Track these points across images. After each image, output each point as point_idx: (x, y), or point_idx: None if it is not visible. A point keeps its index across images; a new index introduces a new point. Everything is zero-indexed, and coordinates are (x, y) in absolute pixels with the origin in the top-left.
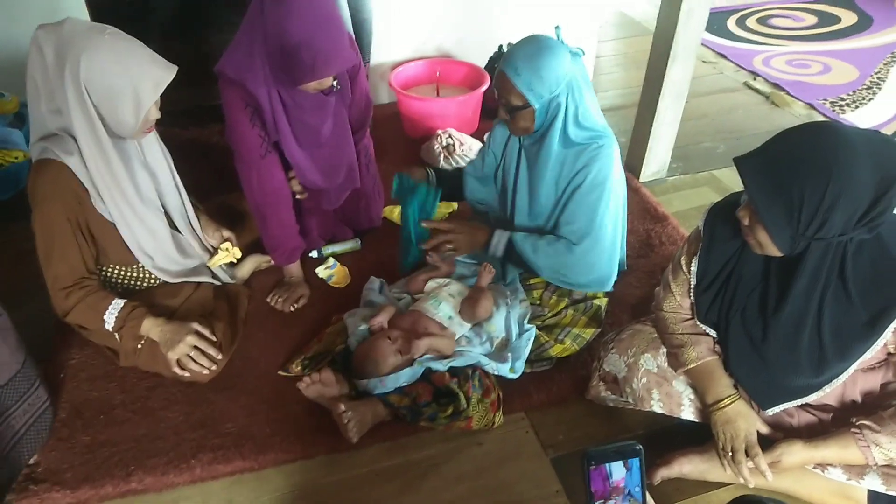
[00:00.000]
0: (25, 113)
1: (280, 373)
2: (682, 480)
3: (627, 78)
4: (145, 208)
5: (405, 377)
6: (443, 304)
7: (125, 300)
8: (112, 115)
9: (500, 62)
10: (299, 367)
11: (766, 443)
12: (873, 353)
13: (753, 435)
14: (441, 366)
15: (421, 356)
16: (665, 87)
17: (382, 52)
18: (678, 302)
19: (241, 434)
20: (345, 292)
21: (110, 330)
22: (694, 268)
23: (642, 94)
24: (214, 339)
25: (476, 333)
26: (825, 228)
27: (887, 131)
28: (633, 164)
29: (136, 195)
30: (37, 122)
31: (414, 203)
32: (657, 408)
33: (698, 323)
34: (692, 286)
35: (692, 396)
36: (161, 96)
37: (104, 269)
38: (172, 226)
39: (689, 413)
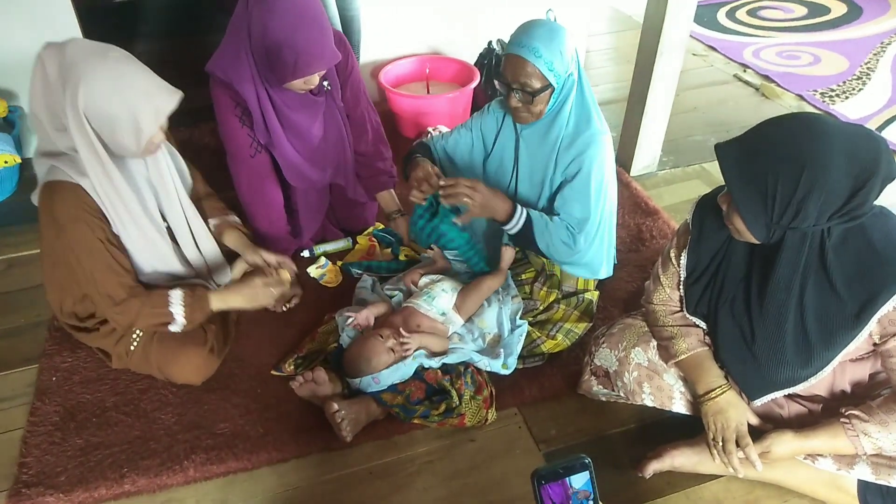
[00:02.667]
0: (14, 118)
1: (273, 372)
2: (673, 473)
3: (618, 72)
4: (150, 226)
5: (398, 375)
6: (436, 299)
7: (179, 290)
8: (112, 140)
9: (507, 48)
10: (292, 367)
11: (757, 434)
12: (858, 343)
13: (744, 425)
14: (433, 363)
15: (414, 349)
16: (654, 82)
17: (371, 49)
18: (668, 294)
19: (234, 434)
20: (337, 291)
21: (183, 321)
22: (683, 261)
23: (631, 88)
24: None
25: (468, 330)
26: (799, 218)
27: (877, 121)
28: (623, 159)
29: (143, 213)
30: (42, 137)
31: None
32: (648, 401)
33: (688, 315)
34: (682, 279)
35: (683, 389)
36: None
37: None
38: (174, 240)
39: (680, 406)
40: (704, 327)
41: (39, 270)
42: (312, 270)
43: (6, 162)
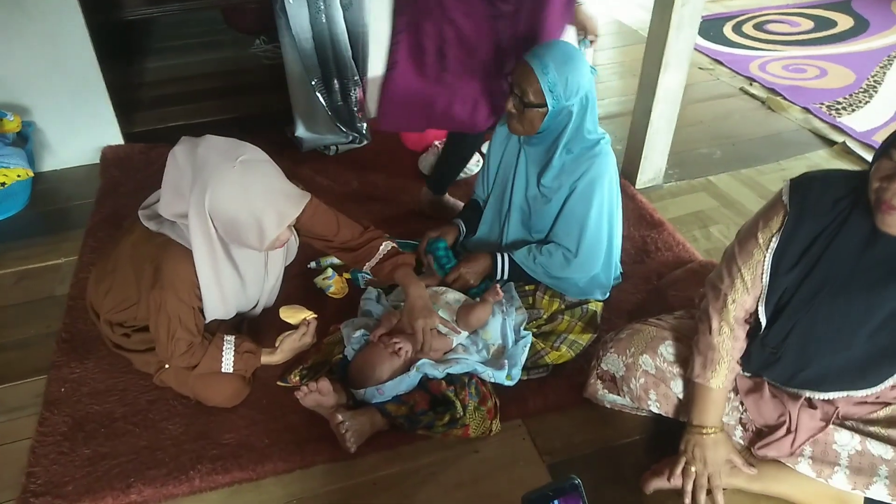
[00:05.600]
0: (28, 133)
1: (279, 383)
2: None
3: (624, 86)
4: (235, 301)
5: (404, 385)
6: (441, 311)
7: (232, 347)
8: (235, 238)
9: (526, 54)
10: (297, 378)
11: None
12: None
13: (719, 467)
14: (438, 373)
15: (405, 350)
16: (658, 95)
17: (379, 65)
18: (747, 289)
19: (239, 444)
20: (342, 302)
21: (231, 372)
22: (775, 243)
23: (636, 102)
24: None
25: (472, 342)
26: None
27: (883, 134)
28: (629, 172)
29: (234, 294)
30: (167, 202)
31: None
32: (654, 408)
33: (760, 312)
34: (769, 264)
35: None
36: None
37: None
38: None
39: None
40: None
41: (50, 282)
42: (319, 281)
43: (19, 176)
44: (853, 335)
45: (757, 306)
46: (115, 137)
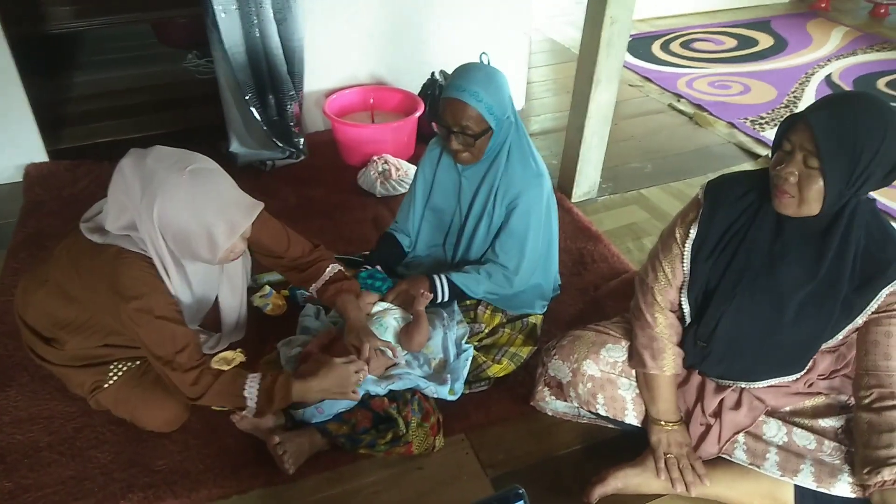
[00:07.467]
0: None
1: (214, 407)
2: (618, 496)
3: (557, 102)
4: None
5: (344, 403)
6: (388, 329)
7: (259, 374)
8: (187, 252)
9: (446, 92)
10: None
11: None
12: (865, 317)
13: (689, 448)
14: (380, 390)
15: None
16: (591, 111)
17: (315, 79)
18: (668, 280)
19: (173, 471)
20: (280, 320)
21: (253, 411)
22: (693, 233)
23: (570, 118)
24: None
25: (414, 356)
26: (867, 185)
27: None
28: (564, 186)
29: (191, 312)
30: (114, 216)
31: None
32: (602, 411)
33: (683, 300)
34: (688, 255)
35: (634, 396)
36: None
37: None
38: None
39: (632, 418)
40: (687, 314)
41: None
42: (256, 299)
43: None
44: (777, 321)
45: (679, 297)
46: (39, 154)
